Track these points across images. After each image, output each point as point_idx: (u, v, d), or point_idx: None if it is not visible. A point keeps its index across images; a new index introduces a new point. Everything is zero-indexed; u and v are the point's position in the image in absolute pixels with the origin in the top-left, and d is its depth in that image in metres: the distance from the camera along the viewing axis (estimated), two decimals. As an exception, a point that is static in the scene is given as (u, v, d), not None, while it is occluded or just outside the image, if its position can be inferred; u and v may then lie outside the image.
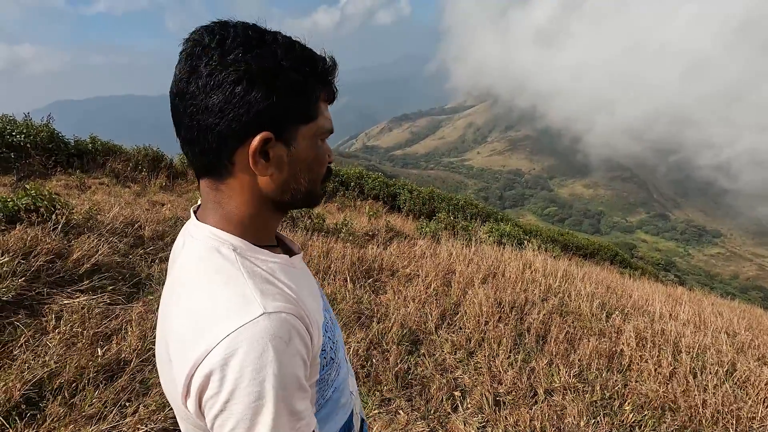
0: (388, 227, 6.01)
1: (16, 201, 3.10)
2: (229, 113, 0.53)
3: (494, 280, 4.03)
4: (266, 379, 0.48)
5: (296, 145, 0.59)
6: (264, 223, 0.63)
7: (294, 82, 0.56)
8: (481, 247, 5.66)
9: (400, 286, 3.66)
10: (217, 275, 0.56)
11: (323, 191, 0.68)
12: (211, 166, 0.58)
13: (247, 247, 0.60)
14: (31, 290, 2.41)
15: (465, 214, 10.32)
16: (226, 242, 0.59)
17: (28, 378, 1.80)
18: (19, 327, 2.14)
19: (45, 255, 2.63)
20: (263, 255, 0.61)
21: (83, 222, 3.36)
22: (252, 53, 0.53)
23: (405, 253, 4.72)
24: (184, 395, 0.52)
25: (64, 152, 6.75)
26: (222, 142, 0.55)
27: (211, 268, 0.57)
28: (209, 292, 0.54)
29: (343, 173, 10.26)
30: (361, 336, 2.67)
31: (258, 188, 0.59)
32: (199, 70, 0.53)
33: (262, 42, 0.54)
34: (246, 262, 0.58)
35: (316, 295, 0.71)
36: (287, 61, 0.55)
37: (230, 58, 0.52)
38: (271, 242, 0.67)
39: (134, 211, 4.22)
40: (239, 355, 0.48)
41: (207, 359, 0.49)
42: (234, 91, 0.52)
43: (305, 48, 0.58)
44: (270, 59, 0.54)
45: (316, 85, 0.59)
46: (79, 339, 2.13)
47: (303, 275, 0.70)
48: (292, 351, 0.52)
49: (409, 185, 11.21)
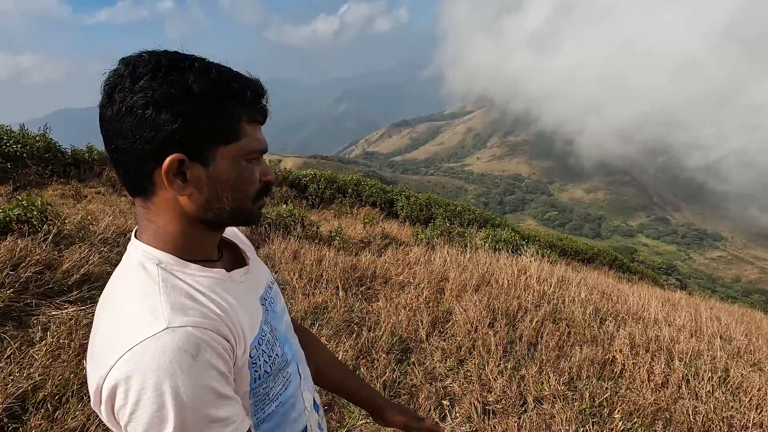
0: (384, 234, 6.01)
1: (7, 212, 3.11)
2: (140, 136, 0.56)
3: (487, 288, 4.03)
4: (166, 391, 0.51)
5: (215, 166, 0.60)
6: (195, 239, 0.65)
7: (205, 105, 0.58)
8: (477, 254, 5.66)
9: (393, 294, 3.65)
10: (134, 291, 0.58)
11: (258, 209, 0.69)
12: (135, 186, 0.61)
13: (175, 262, 0.62)
14: (19, 301, 2.41)
15: (462, 220, 10.33)
16: (153, 258, 0.61)
17: (12, 391, 1.79)
18: (6, 339, 2.13)
19: (34, 266, 2.64)
20: (191, 269, 0.63)
21: (75, 232, 3.37)
22: (160, 80, 0.56)
23: (399, 261, 4.72)
24: (96, 403, 0.55)
25: (61, 162, 6.77)
26: (139, 164, 0.58)
27: (132, 283, 0.60)
28: (123, 308, 0.57)
29: (340, 180, 10.28)
30: (349, 344, 2.66)
31: (180, 207, 0.61)
32: (114, 97, 0.56)
33: (173, 68, 0.57)
34: (169, 276, 0.60)
35: (256, 308, 0.72)
36: (198, 85, 0.57)
37: (139, 85, 0.55)
38: (206, 257, 0.67)
39: (128, 220, 4.23)
40: (141, 369, 0.51)
41: (112, 372, 0.52)
42: (143, 115, 0.55)
43: (223, 72, 0.60)
44: (178, 84, 0.56)
45: (235, 107, 0.61)
46: (65, 351, 2.13)
47: (242, 288, 0.70)
48: (200, 364, 0.53)
49: (406, 191, 11.22)
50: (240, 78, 0.61)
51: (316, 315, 3.02)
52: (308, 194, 9.51)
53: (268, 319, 0.74)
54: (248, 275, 0.73)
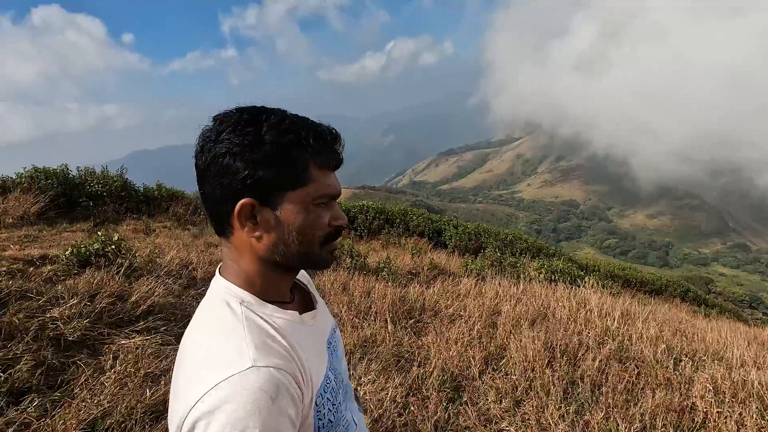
0: (432, 265, 5.93)
1: (88, 247, 3.42)
2: (219, 182, 0.62)
3: (544, 322, 3.81)
4: (246, 425, 0.52)
5: (282, 210, 0.64)
6: (271, 280, 0.68)
7: (273, 154, 0.62)
8: (531, 286, 5.41)
9: (443, 328, 3.55)
10: (221, 327, 0.63)
11: (328, 253, 0.71)
12: (219, 228, 0.67)
13: (256, 302, 0.66)
14: (94, 330, 2.60)
15: (514, 249, 9.98)
16: (236, 296, 0.66)
17: (83, 417, 1.91)
18: (81, 366, 2.30)
19: (108, 297, 2.85)
20: (270, 310, 0.66)
21: (144, 265, 3.63)
22: (237, 132, 0.62)
23: (448, 292, 4.61)
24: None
25: (135, 199, 7.42)
26: (219, 207, 0.64)
27: (219, 319, 0.64)
28: (210, 343, 0.61)
29: (388, 210, 10.38)
30: (399, 381, 2.59)
31: (254, 248, 0.66)
32: (203, 149, 0.64)
33: (250, 122, 0.63)
34: (251, 315, 0.64)
35: (322, 353, 0.73)
36: (269, 136, 0.62)
37: (221, 138, 0.62)
38: (281, 298, 0.71)
39: (190, 253, 4.50)
40: (224, 409, 0.53)
41: (197, 405, 0.54)
42: (222, 164, 0.62)
43: (294, 122, 0.64)
44: (251, 135, 0.62)
45: (302, 154, 0.64)
46: (131, 379, 2.25)
47: (311, 332, 0.72)
48: (276, 408, 0.55)
49: (454, 221, 11.09)
50: (310, 127, 0.65)
51: (365, 349, 2.99)
52: (357, 225, 9.66)
53: (333, 364, 0.75)
54: (316, 319, 0.76)
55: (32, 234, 5.04)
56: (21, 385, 2.07)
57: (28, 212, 5.64)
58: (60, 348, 2.40)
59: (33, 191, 6.04)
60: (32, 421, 1.89)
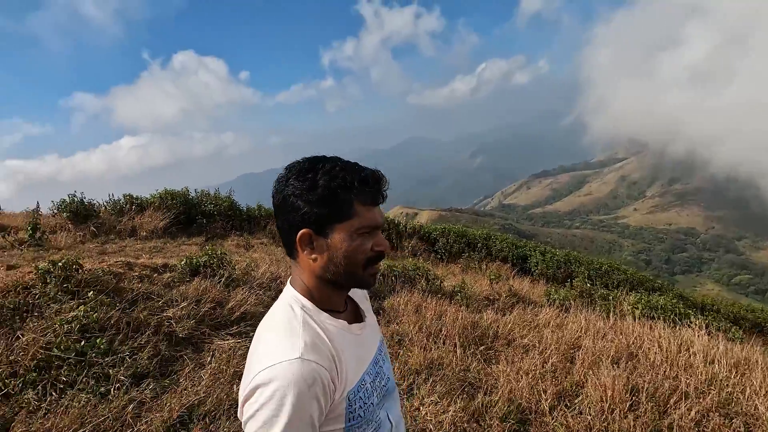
0: (511, 292, 5.74)
1: (197, 258, 4.01)
2: (287, 217, 0.83)
3: (631, 362, 3.48)
4: (284, 404, 0.71)
5: (332, 238, 0.83)
6: (325, 293, 0.88)
7: (325, 195, 0.81)
8: (623, 322, 4.95)
9: (515, 357, 3.44)
10: (283, 324, 0.82)
11: (370, 276, 0.87)
12: (288, 251, 0.89)
13: (313, 309, 0.85)
14: (198, 330, 3.05)
15: (609, 280, 9.14)
16: (299, 302, 0.86)
17: (184, 403, 2.27)
18: (186, 360, 2.72)
19: (210, 302, 3.32)
20: (323, 317, 0.85)
21: (241, 276, 4.12)
22: (300, 178, 0.82)
23: (526, 322, 4.43)
24: (240, 405, 0.76)
25: (239, 218, 8.38)
26: (288, 235, 0.85)
27: (283, 318, 0.84)
28: (273, 336, 0.81)
29: (470, 234, 10.25)
30: (461, 405, 2.60)
31: (311, 267, 0.85)
32: (278, 189, 0.85)
33: (310, 170, 0.83)
34: (308, 319, 0.83)
35: (362, 357, 0.90)
36: (322, 181, 0.81)
37: (289, 182, 0.83)
38: (335, 308, 0.90)
39: (279, 268, 4.98)
40: (273, 383, 0.72)
41: (255, 378, 0.74)
42: (289, 202, 0.83)
43: (344, 168, 0.83)
44: (309, 181, 0.81)
45: (347, 194, 0.82)
46: (223, 375, 2.60)
47: (355, 340, 0.90)
48: (311, 393, 0.73)
49: (541, 247, 10.53)
50: (356, 172, 0.83)
51: (431, 370, 3.04)
52: (437, 248, 9.69)
53: (375, 371, 0.92)
54: (363, 330, 0.93)
55: (158, 245, 5.99)
56: (142, 370, 2.53)
57: (157, 227, 6.72)
58: (172, 343, 2.86)
59: (162, 209, 7.19)
60: (147, 401, 2.30)
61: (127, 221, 6.72)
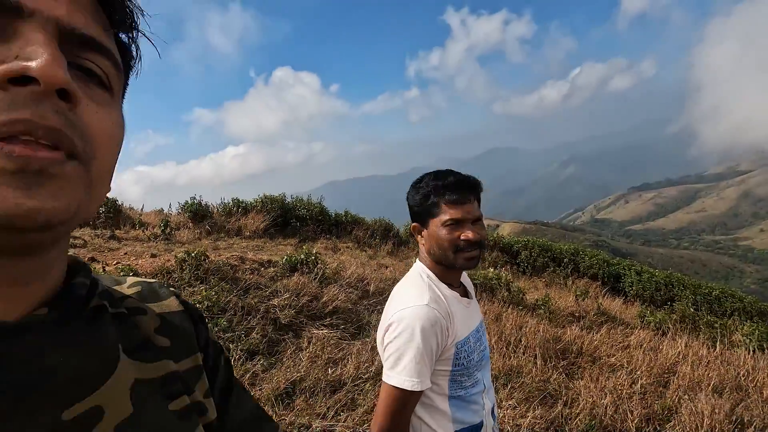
0: (600, 311, 5.46)
1: (296, 257, 4.50)
2: (411, 213, 1.17)
3: (738, 394, 3.18)
4: (415, 333, 0.97)
5: (429, 229, 1.11)
6: (439, 270, 1.14)
7: (422, 198, 1.11)
8: (732, 352, 4.46)
9: (601, 376, 3.34)
10: (415, 284, 1.11)
11: (463, 259, 1.09)
12: (416, 236, 1.17)
13: (435, 279, 1.13)
14: (297, 319, 3.47)
15: (721, 308, 8.13)
16: (425, 272, 1.14)
17: (288, 378, 2.64)
18: (288, 343, 3.12)
19: (307, 296, 3.74)
20: (443, 286, 1.11)
21: (332, 275, 4.54)
22: (416, 186, 1.15)
23: (615, 341, 4.23)
24: (380, 337, 1.04)
25: (327, 222, 9.03)
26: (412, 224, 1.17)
27: (414, 281, 1.13)
28: (406, 292, 1.10)
29: (555, 249, 9.80)
30: (541, 413, 2.64)
31: (424, 249, 1.14)
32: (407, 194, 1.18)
33: (422, 180, 1.14)
34: (431, 283, 1.11)
35: (468, 323, 1.13)
36: (424, 188, 1.10)
37: (411, 188, 1.17)
38: (449, 282, 1.15)
39: (365, 270, 5.34)
40: (407, 319, 0.99)
41: (393, 315, 1.02)
42: (409, 202, 1.17)
43: (440, 176, 1.10)
44: (417, 188, 1.13)
45: (434, 196, 1.09)
46: (319, 358, 2.94)
47: (464, 308, 1.14)
48: (432, 330, 0.99)
49: (637, 266, 9.70)
50: (446, 178, 1.10)
51: (509, 377, 3.10)
52: (519, 261, 9.45)
53: (477, 336, 1.14)
54: (470, 305, 1.18)
55: (260, 244, 6.74)
56: (253, 347, 2.97)
57: (258, 228, 7.55)
58: (276, 327, 3.30)
59: (262, 212, 8.05)
60: (259, 373, 2.71)
61: (234, 222, 7.66)
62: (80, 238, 5.82)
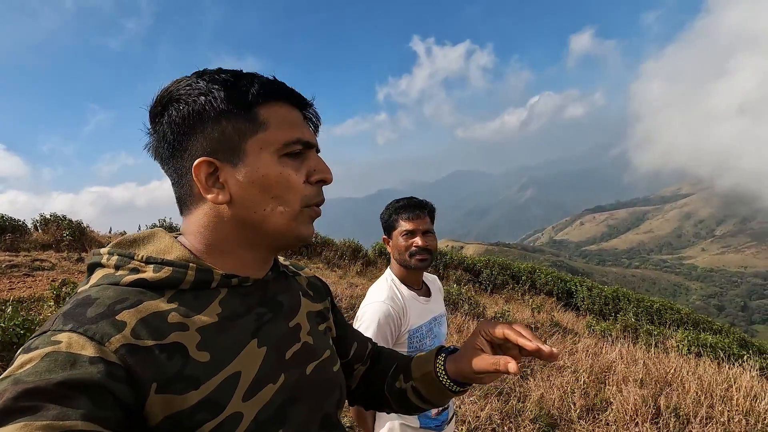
0: (553, 322, 5.97)
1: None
2: (383, 226, 1.44)
3: (659, 386, 3.68)
4: (373, 322, 1.32)
5: (393, 239, 1.46)
6: (403, 273, 1.48)
7: (387, 215, 1.50)
8: (665, 355, 5.04)
9: (550, 376, 3.76)
10: (379, 285, 1.46)
11: (414, 260, 1.43)
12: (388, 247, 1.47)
13: (398, 281, 1.47)
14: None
15: (661, 319, 8.93)
16: (391, 276, 1.48)
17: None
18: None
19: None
20: (402, 287, 1.45)
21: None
22: (385, 208, 1.46)
23: (565, 349, 4.70)
24: (356, 324, 1.36)
25: (297, 244, 9.22)
26: (383, 236, 1.45)
27: (380, 283, 1.47)
28: (373, 290, 1.46)
29: (514, 267, 10.43)
30: (497, 406, 3.00)
31: (392, 258, 1.45)
32: None
33: (389, 204, 1.48)
34: (392, 285, 1.45)
35: (423, 315, 1.46)
36: (390, 207, 1.45)
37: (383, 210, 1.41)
38: (411, 283, 1.48)
39: (336, 288, 5.61)
40: (369, 312, 1.35)
41: (361, 309, 1.40)
42: (381, 220, 1.39)
43: (398, 200, 1.50)
44: (386, 208, 1.43)
45: (395, 214, 1.48)
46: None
47: (420, 304, 1.47)
48: (386, 320, 1.33)
49: (588, 282, 10.47)
50: (405, 200, 1.47)
51: (471, 379, 3.45)
52: (482, 279, 9.97)
53: (429, 326, 1.48)
54: (428, 303, 1.50)
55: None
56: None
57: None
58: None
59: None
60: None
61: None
62: (47, 260, 5.76)
